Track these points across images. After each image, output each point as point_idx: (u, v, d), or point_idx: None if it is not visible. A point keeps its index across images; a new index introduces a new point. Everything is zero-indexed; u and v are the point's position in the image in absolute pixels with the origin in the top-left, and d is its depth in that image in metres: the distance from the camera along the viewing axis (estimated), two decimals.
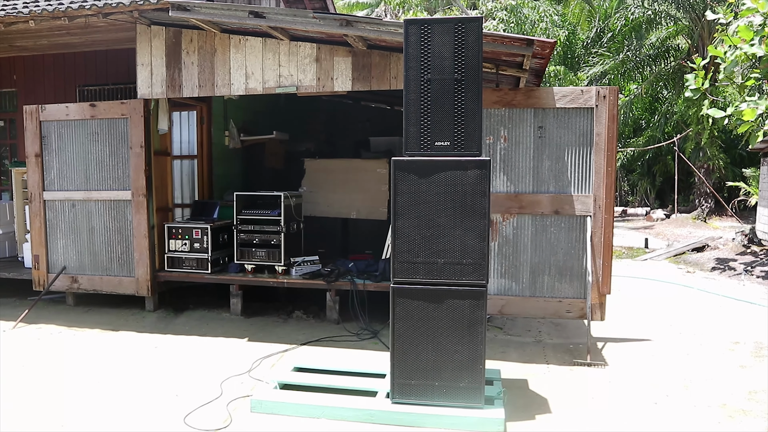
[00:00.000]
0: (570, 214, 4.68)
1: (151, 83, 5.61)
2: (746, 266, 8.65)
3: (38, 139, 5.89)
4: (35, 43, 6.78)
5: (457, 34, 3.19)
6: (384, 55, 5.04)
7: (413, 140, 3.23)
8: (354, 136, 8.47)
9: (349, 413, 3.31)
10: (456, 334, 3.24)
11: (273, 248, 5.75)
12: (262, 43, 5.31)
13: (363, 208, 6.62)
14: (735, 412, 3.45)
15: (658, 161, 18.90)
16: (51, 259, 6.00)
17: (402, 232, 3.25)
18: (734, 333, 5.20)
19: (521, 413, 3.41)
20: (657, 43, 16.42)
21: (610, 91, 4.63)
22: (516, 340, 5.00)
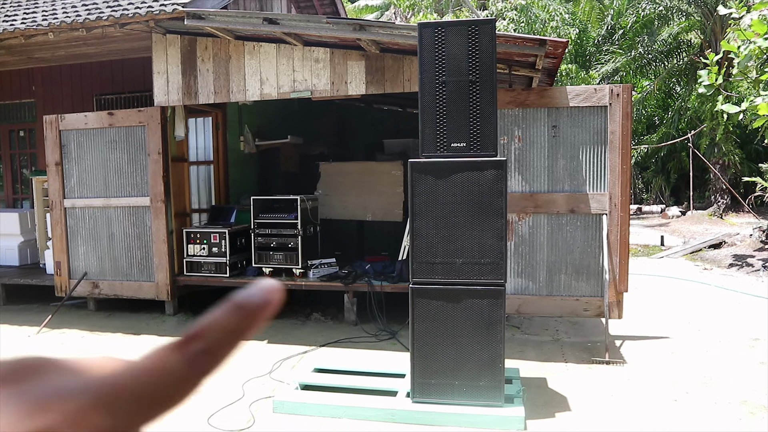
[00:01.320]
0: (585, 212, 4.68)
1: (167, 91, 5.69)
2: (764, 262, 8.58)
3: (58, 147, 6.00)
4: (53, 54, 6.90)
5: (470, 36, 3.23)
6: (397, 58, 5.08)
7: (429, 142, 3.27)
8: (368, 139, 8.51)
9: (370, 413, 3.35)
10: (475, 333, 3.27)
11: (290, 251, 5.81)
12: (275, 49, 5.37)
13: (378, 210, 6.66)
14: (756, 408, 3.45)
15: (672, 158, 18.76)
16: (72, 265, 6.11)
17: (420, 232, 3.28)
18: (753, 330, 5.17)
19: (541, 411, 3.43)
20: (669, 39, 16.31)
21: (624, 89, 4.63)
22: (534, 339, 5.01)
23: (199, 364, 0.23)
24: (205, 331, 0.23)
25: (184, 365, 0.22)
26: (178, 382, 0.22)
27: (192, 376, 0.22)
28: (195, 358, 0.23)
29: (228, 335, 0.23)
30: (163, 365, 0.22)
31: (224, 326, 0.24)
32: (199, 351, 0.23)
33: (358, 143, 8.72)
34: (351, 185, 6.76)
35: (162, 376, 0.22)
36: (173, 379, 0.22)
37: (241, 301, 0.24)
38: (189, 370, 0.22)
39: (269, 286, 0.25)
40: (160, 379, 0.22)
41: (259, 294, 0.25)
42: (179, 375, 0.22)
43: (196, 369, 0.22)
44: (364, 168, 6.85)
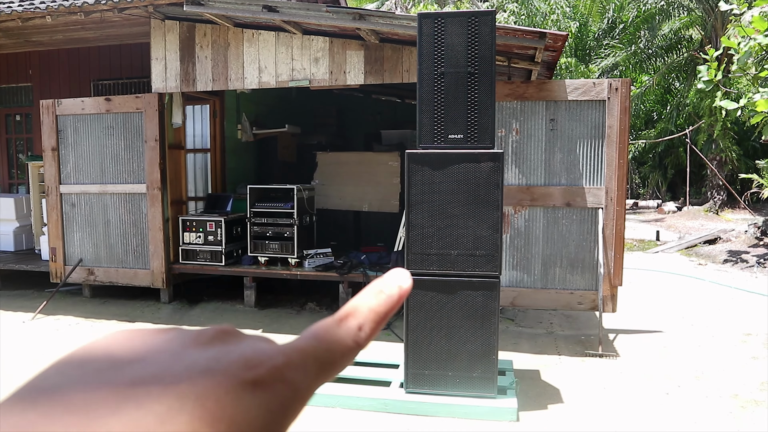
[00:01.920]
0: (582, 206, 4.69)
1: (165, 77, 5.66)
2: (759, 258, 8.62)
3: (54, 133, 5.97)
4: (51, 38, 6.86)
5: (470, 27, 3.21)
6: (396, 49, 5.06)
7: (427, 133, 3.26)
8: (365, 129, 8.50)
9: (363, 402, 3.36)
10: (469, 324, 3.28)
11: (286, 241, 5.81)
12: (275, 37, 5.34)
13: (375, 200, 6.66)
14: (747, 402, 3.47)
15: (669, 153, 18.78)
16: (68, 252, 6.10)
17: (416, 223, 3.28)
18: (746, 325, 5.21)
19: (534, 403, 3.45)
20: (669, 35, 16.29)
21: (623, 83, 4.63)
22: (528, 331, 5.03)
23: (356, 337, 0.27)
24: (356, 310, 0.28)
25: (347, 337, 0.27)
26: (344, 351, 0.26)
27: (353, 347, 0.27)
28: (353, 332, 0.27)
29: (374, 314, 0.28)
30: (332, 336, 0.27)
31: (370, 307, 0.28)
32: (354, 326, 0.27)
33: (356, 133, 8.70)
34: (348, 175, 6.75)
35: (333, 344, 0.26)
36: (341, 347, 0.26)
37: (382, 286, 0.29)
38: (350, 341, 0.27)
39: (403, 274, 0.30)
40: (332, 347, 0.26)
41: (396, 280, 0.29)
42: (344, 345, 0.27)
43: (355, 341, 0.27)
44: (362, 158, 6.84)
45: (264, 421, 0.22)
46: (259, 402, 0.22)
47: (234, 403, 0.22)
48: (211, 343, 0.24)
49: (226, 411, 0.21)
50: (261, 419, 0.22)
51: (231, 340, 0.25)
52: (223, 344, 0.24)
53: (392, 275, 0.29)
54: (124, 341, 0.24)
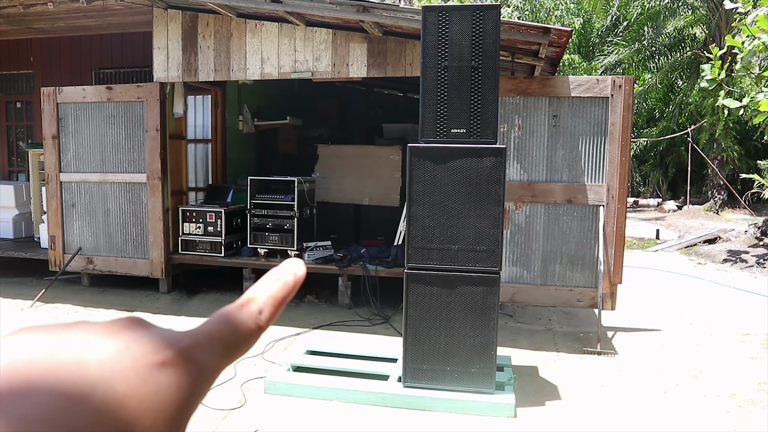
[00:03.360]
0: (583, 203, 4.68)
1: (167, 67, 5.64)
2: (758, 259, 8.61)
3: (55, 121, 5.95)
4: (52, 25, 6.82)
5: (475, 21, 3.20)
6: (399, 42, 5.04)
7: (429, 127, 3.25)
8: (367, 123, 8.48)
9: (361, 396, 3.36)
10: (468, 320, 3.27)
11: (286, 233, 5.80)
12: (278, 28, 5.32)
13: (375, 194, 6.65)
14: (744, 402, 3.48)
15: (671, 152, 18.76)
16: (67, 240, 6.09)
17: (417, 218, 3.27)
18: (745, 325, 5.21)
19: (531, 399, 3.45)
20: (673, 33, 16.24)
21: (626, 81, 4.61)
22: (526, 327, 5.03)
23: (257, 320, 0.29)
24: (256, 297, 0.30)
25: (249, 320, 0.29)
26: (247, 333, 0.29)
27: (255, 329, 0.29)
28: (254, 315, 0.29)
29: (272, 300, 0.30)
30: (236, 319, 0.29)
31: (268, 293, 0.30)
32: (255, 310, 0.29)
33: (358, 127, 8.68)
34: (349, 168, 6.74)
35: (236, 327, 0.28)
36: (244, 330, 0.29)
37: (278, 273, 0.31)
38: (252, 324, 0.29)
39: (297, 262, 0.32)
40: (236, 329, 0.28)
41: (291, 268, 0.31)
42: (247, 327, 0.29)
43: (257, 324, 0.29)
44: (363, 151, 6.83)
45: (174, 397, 0.24)
46: (168, 380, 0.25)
47: (143, 383, 0.24)
48: (121, 332, 0.26)
49: (136, 390, 0.23)
50: (171, 396, 0.24)
51: (140, 329, 0.26)
52: (132, 332, 0.26)
53: (287, 264, 0.32)
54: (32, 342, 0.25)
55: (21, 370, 0.23)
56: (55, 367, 0.23)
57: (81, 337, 0.25)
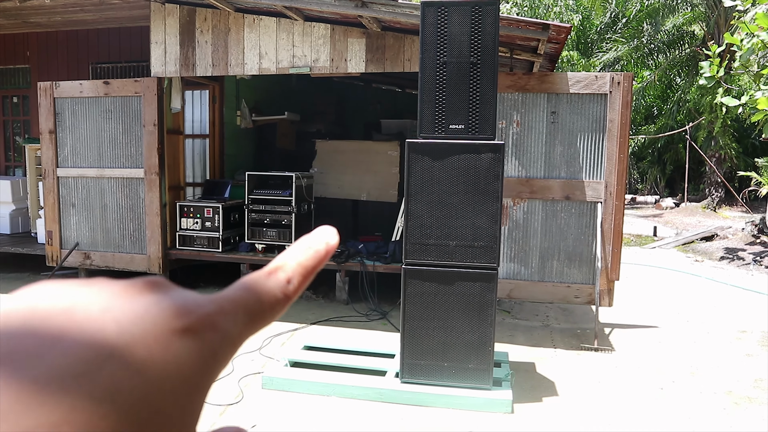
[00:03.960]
0: (581, 200, 4.68)
1: (164, 61, 5.62)
2: (755, 256, 8.63)
3: (52, 116, 5.92)
4: (49, 19, 6.79)
5: (473, 17, 3.19)
6: (398, 37, 5.03)
7: (428, 123, 3.24)
8: (365, 118, 8.46)
9: (358, 391, 3.36)
10: (466, 316, 3.27)
11: (284, 228, 5.79)
12: (276, 23, 5.30)
13: (373, 190, 6.64)
14: (741, 399, 3.49)
15: (669, 149, 18.78)
16: (64, 235, 6.07)
17: (415, 213, 3.27)
18: (741, 322, 5.22)
19: (528, 395, 3.46)
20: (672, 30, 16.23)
21: (625, 78, 4.61)
22: (524, 324, 5.04)
23: (285, 289, 0.28)
24: (285, 264, 0.28)
25: (276, 288, 0.27)
26: (273, 302, 0.27)
27: (282, 298, 0.27)
28: (282, 284, 0.28)
29: (302, 268, 0.28)
30: (262, 287, 0.27)
31: (299, 261, 0.29)
32: (283, 279, 0.28)
33: (356, 122, 8.66)
34: (347, 164, 6.73)
35: (263, 295, 0.27)
36: (270, 298, 0.27)
37: (310, 242, 0.29)
38: (279, 292, 0.27)
39: (330, 230, 0.30)
40: (262, 297, 0.27)
41: (323, 237, 0.30)
42: (274, 296, 0.27)
43: (284, 293, 0.27)
44: (361, 147, 6.81)
45: (195, 365, 0.23)
46: (189, 348, 0.23)
47: (164, 350, 0.22)
48: (141, 294, 0.24)
49: (155, 357, 0.22)
50: (191, 364, 0.23)
51: (161, 291, 0.25)
52: (153, 295, 0.24)
53: (320, 232, 0.30)
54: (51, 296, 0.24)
55: (37, 327, 0.21)
56: (73, 327, 0.22)
57: (100, 298, 0.24)
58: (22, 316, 0.22)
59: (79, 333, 0.21)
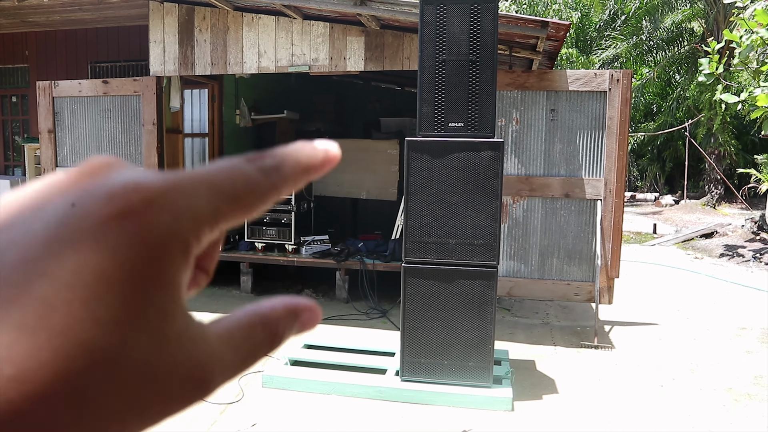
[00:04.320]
0: (580, 197, 4.68)
1: (163, 60, 5.61)
2: (755, 253, 8.64)
3: (51, 115, 5.92)
4: (47, 18, 6.78)
5: (473, 14, 3.18)
6: (397, 35, 5.02)
7: (427, 121, 3.24)
8: (364, 117, 8.46)
9: (359, 390, 3.37)
10: (466, 314, 3.27)
11: (283, 227, 5.79)
12: (274, 22, 5.29)
13: (373, 188, 6.64)
14: (740, 396, 3.49)
15: (668, 146, 18.77)
16: None
17: (414, 212, 3.27)
18: (741, 319, 5.22)
19: (529, 393, 3.46)
20: (671, 27, 16.22)
21: (624, 75, 4.60)
22: (524, 321, 5.04)
23: (272, 176, 0.23)
24: (273, 153, 0.24)
25: (258, 172, 0.23)
26: (251, 185, 0.22)
27: (264, 184, 0.23)
28: (268, 170, 0.23)
29: (294, 162, 0.24)
30: (238, 167, 0.22)
31: (290, 153, 0.24)
32: (270, 165, 0.23)
33: (355, 120, 8.66)
34: (346, 162, 6.72)
35: (237, 175, 0.22)
36: (247, 180, 0.22)
37: (308, 144, 0.26)
38: (263, 178, 0.23)
39: (331, 143, 0.26)
40: (235, 177, 0.22)
41: (324, 144, 0.26)
42: (252, 179, 0.22)
43: (269, 180, 0.23)
44: (360, 145, 6.81)
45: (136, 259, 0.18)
46: (127, 239, 0.18)
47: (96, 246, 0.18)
48: (79, 182, 0.20)
49: (88, 258, 0.18)
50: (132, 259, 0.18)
51: (100, 175, 0.20)
52: (90, 180, 0.20)
53: (321, 141, 0.26)
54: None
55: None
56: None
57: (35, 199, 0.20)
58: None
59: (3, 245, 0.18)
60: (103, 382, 0.17)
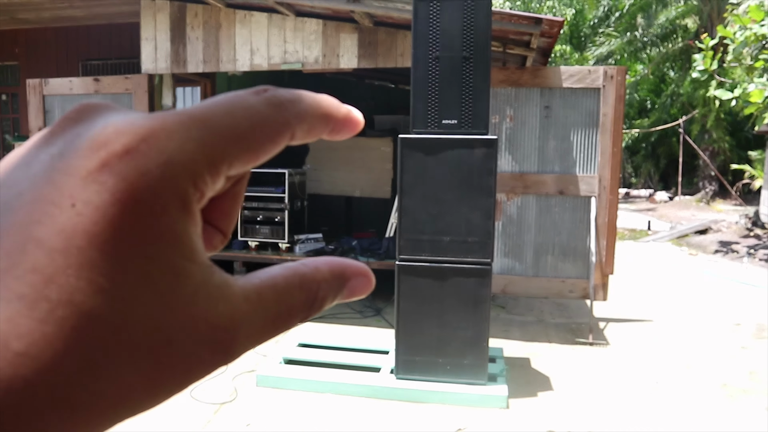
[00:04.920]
0: (574, 194, 4.67)
1: (155, 58, 5.57)
2: (749, 249, 8.66)
3: (41, 113, 5.87)
4: (37, 15, 6.72)
5: (466, 11, 3.16)
6: (390, 32, 4.99)
7: (420, 118, 3.22)
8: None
9: (353, 389, 3.35)
10: (460, 311, 3.26)
11: (277, 225, 5.76)
12: (267, 19, 5.25)
13: (367, 186, 6.62)
14: (735, 391, 3.49)
15: (662, 143, 18.83)
16: None
17: (408, 209, 3.25)
18: (736, 315, 5.23)
19: (524, 390, 3.45)
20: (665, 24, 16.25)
21: (618, 71, 4.59)
22: (518, 319, 5.03)
23: (284, 111, 0.20)
24: (291, 90, 0.21)
25: (267, 106, 0.20)
26: (258, 122, 0.19)
27: (274, 121, 0.19)
28: (280, 103, 0.20)
29: (317, 106, 0.21)
30: (239, 101, 0.19)
31: (313, 97, 0.21)
32: (284, 98, 0.20)
33: None
34: (340, 160, 6.70)
35: (237, 109, 0.19)
36: (253, 116, 0.19)
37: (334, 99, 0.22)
38: (272, 111, 0.19)
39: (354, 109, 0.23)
40: (235, 111, 0.19)
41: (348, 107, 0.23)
42: (261, 114, 0.19)
43: (280, 114, 0.20)
44: (354, 143, 6.78)
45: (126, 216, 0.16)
46: (112, 194, 0.16)
47: (81, 212, 0.16)
48: (64, 131, 0.18)
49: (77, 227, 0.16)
50: (120, 216, 0.16)
51: (88, 120, 0.18)
52: (76, 128, 0.18)
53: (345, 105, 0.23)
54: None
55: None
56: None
57: (23, 156, 0.18)
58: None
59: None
60: (114, 350, 0.16)
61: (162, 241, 0.17)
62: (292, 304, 0.20)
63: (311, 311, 0.21)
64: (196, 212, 0.18)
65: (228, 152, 0.19)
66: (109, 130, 0.17)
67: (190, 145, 0.18)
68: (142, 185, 0.17)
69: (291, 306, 0.20)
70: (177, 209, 0.17)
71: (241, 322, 0.19)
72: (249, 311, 0.19)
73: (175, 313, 0.17)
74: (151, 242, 0.17)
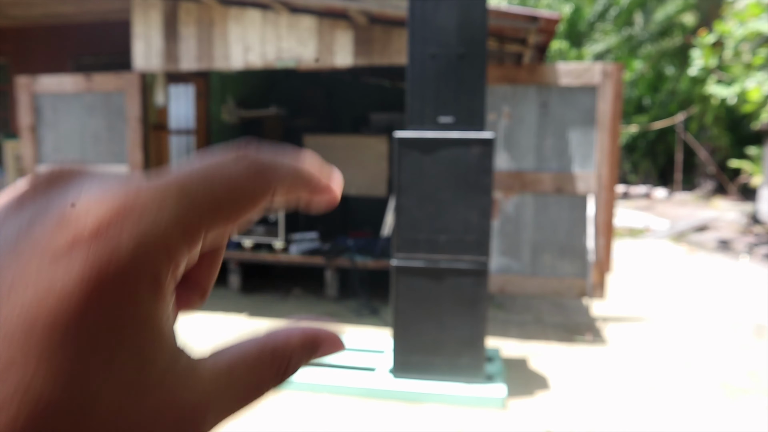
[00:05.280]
0: (572, 192, 4.63)
1: (147, 56, 5.50)
2: (748, 247, 8.63)
3: (32, 111, 5.80)
4: (27, 11, 6.64)
5: (462, 8, 3.11)
6: (386, 30, 4.94)
7: (417, 115, 3.17)
8: (354, 113, 8.37)
9: (350, 389, 3.30)
10: (457, 311, 3.22)
11: (271, 225, 5.71)
12: (261, 16, 5.19)
13: (363, 185, 6.57)
14: (735, 391, 3.45)
15: (661, 140, 18.81)
16: None
17: (404, 208, 3.20)
18: (735, 313, 5.20)
19: (521, 390, 3.40)
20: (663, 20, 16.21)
21: (616, 68, 4.54)
22: (516, 318, 4.99)
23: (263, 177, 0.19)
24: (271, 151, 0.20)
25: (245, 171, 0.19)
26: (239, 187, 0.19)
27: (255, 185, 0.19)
28: (259, 170, 0.19)
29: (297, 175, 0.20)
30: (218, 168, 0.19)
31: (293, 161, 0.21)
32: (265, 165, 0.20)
33: (344, 116, 8.57)
34: (335, 159, 6.64)
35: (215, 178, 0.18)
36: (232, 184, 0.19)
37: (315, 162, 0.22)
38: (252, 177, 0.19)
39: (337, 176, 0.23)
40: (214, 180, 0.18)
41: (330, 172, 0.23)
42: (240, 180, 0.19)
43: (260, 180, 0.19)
44: (350, 142, 6.74)
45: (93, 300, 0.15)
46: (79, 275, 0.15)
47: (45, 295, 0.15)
48: (34, 198, 0.17)
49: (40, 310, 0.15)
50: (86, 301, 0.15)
51: (60, 187, 0.18)
52: (47, 196, 0.17)
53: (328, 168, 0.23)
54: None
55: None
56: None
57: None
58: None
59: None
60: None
61: (129, 326, 0.16)
62: (263, 378, 0.20)
63: (282, 380, 0.21)
64: (167, 292, 0.18)
65: (205, 221, 0.18)
66: (80, 205, 0.17)
67: (165, 217, 0.17)
68: (112, 267, 0.16)
69: (262, 379, 0.20)
70: (147, 291, 0.17)
71: (210, 403, 0.18)
72: (218, 390, 0.19)
73: (142, 399, 0.16)
74: (118, 327, 0.16)
